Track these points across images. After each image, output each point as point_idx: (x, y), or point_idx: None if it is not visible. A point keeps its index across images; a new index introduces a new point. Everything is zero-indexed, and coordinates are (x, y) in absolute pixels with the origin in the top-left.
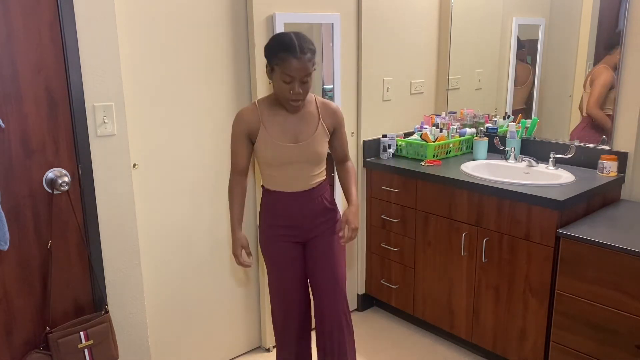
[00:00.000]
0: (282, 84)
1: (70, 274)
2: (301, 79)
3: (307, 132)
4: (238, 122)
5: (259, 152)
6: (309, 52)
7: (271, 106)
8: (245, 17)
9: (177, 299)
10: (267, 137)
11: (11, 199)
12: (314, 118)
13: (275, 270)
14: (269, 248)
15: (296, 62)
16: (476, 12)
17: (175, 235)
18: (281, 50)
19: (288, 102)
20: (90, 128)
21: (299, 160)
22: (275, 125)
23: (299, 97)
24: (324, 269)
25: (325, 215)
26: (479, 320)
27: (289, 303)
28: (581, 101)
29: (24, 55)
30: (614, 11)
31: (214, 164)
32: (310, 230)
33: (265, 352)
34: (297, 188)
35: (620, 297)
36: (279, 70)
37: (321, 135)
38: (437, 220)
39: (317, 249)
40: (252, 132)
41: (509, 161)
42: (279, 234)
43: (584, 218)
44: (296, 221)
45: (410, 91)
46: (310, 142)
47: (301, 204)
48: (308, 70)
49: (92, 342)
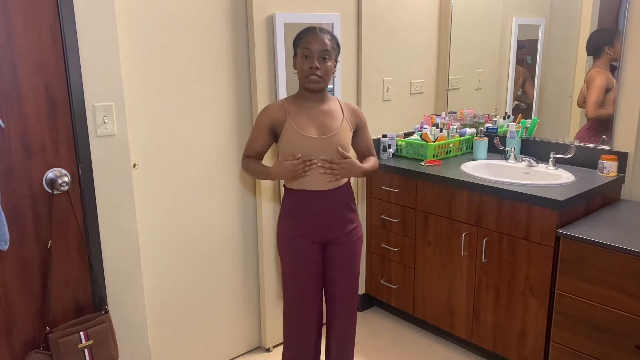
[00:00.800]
0: (302, 63)
1: (70, 274)
2: (319, 54)
3: (332, 125)
4: (264, 114)
5: (284, 144)
6: (328, 34)
7: (297, 101)
8: (245, 17)
9: (177, 299)
10: (293, 128)
11: (11, 199)
12: (339, 114)
13: (292, 270)
14: (289, 247)
15: (314, 36)
16: (476, 12)
17: (175, 235)
18: (303, 32)
19: (307, 80)
20: (90, 128)
21: (325, 154)
22: (302, 118)
23: (317, 73)
24: (343, 273)
25: (347, 217)
26: (479, 320)
27: (303, 304)
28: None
29: (24, 55)
30: (614, 11)
31: (214, 163)
32: (332, 232)
33: (265, 352)
34: (321, 186)
35: (620, 297)
36: (300, 51)
37: (346, 129)
38: (437, 220)
39: (338, 253)
40: (277, 125)
41: (509, 161)
42: (300, 234)
43: (584, 218)
44: (319, 221)
45: (410, 91)
46: (336, 135)
47: (325, 204)
48: (326, 46)
49: (92, 342)
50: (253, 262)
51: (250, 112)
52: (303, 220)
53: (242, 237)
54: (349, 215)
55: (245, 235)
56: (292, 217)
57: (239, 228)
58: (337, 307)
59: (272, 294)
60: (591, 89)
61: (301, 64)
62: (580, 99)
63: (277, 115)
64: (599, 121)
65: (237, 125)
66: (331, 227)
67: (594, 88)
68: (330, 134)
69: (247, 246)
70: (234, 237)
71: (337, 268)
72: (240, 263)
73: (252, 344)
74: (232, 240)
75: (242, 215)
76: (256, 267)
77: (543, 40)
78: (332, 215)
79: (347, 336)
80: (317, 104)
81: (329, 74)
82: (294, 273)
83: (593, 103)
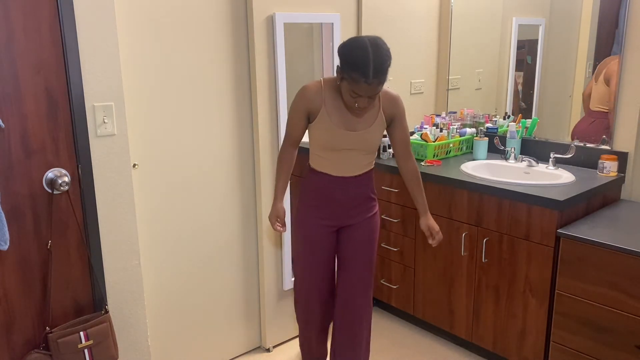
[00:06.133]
0: (348, 95)
1: (70, 274)
2: (369, 98)
3: (365, 122)
4: (302, 97)
5: (314, 132)
6: (383, 74)
7: (334, 90)
8: (245, 17)
9: (177, 299)
10: (326, 120)
11: (11, 199)
12: (375, 107)
13: (305, 252)
14: (304, 227)
15: (367, 86)
16: (476, 12)
17: (175, 235)
18: (354, 69)
19: (352, 110)
20: (90, 128)
21: (352, 148)
22: (336, 110)
23: (362, 113)
24: (358, 257)
25: (366, 204)
26: (479, 320)
27: (313, 286)
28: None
29: (24, 55)
30: (614, 11)
31: (214, 163)
32: (348, 217)
33: (265, 352)
34: (344, 173)
35: (620, 297)
36: (347, 85)
37: (379, 125)
38: (437, 220)
39: (354, 237)
40: (312, 110)
41: (509, 161)
42: (316, 215)
43: (584, 218)
44: (337, 205)
45: (410, 91)
46: (366, 132)
47: (345, 189)
48: (376, 92)
49: (92, 342)
50: (253, 262)
51: (250, 112)
52: (322, 203)
53: (242, 237)
54: (368, 203)
55: (246, 235)
56: (311, 198)
57: (239, 228)
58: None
59: (272, 294)
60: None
61: (349, 97)
62: (587, 92)
63: (315, 101)
64: (605, 117)
65: (237, 125)
66: (349, 214)
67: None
68: (361, 130)
69: (247, 246)
70: (234, 237)
71: (353, 245)
72: (240, 263)
73: (252, 344)
74: (232, 240)
75: (242, 215)
76: (256, 267)
77: (543, 40)
78: (351, 202)
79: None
80: None
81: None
82: (306, 253)
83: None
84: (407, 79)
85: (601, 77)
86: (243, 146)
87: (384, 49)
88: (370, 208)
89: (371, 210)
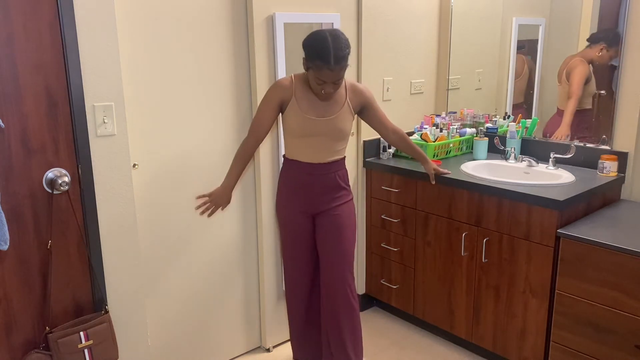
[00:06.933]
0: (315, 83)
1: (70, 274)
2: (333, 82)
3: (333, 109)
4: (275, 88)
5: (286, 121)
6: (343, 60)
7: (304, 84)
8: (245, 17)
9: (177, 299)
10: (296, 109)
11: (11, 199)
12: (341, 98)
13: (286, 238)
14: (283, 214)
15: (329, 72)
16: (476, 12)
17: (175, 235)
18: (317, 58)
19: (319, 95)
20: (90, 128)
21: (323, 134)
22: (305, 100)
23: (329, 97)
24: (331, 242)
25: (337, 191)
26: (479, 320)
27: (297, 269)
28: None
29: (24, 55)
30: (614, 11)
31: (214, 163)
32: (320, 204)
33: (265, 352)
34: (314, 159)
35: (620, 297)
36: (313, 73)
37: (346, 113)
38: (437, 220)
39: (326, 223)
40: (285, 100)
41: (509, 161)
42: (291, 201)
43: (584, 218)
44: (308, 190)
45: (410, 91)
46: (334, 118)
47: (315, 176)
48: (340, 76)
49: (92, 342)
50: (253, 262)
51: (250, 112)
52: (294, 189)
53: (243, 237)
54: (339, 191)
55: (246, 236)
56: (285, 185)
57: (239, 228)
58: (328, 271)
59: (272, 294)
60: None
61: (314, 83)
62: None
63: (286, 92)
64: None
65: (237, 125)
66: (320, 200)
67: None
68: (329, 117)
69: (248, 246)
70: (234, 237)
71: (325, 232)
72: (240, 263)
73: (252, 344)
74: (233, 241)
75: (242, 215)
76: (256, 268)
77: (543, 40)
78: (321, 187)
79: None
80: None
81: (339, 87)
82: (286, 240)
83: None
84: (407, 79)
85: (563, 76)
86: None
87: (342, 38)
88: (342, 196)
89: (343, 199)
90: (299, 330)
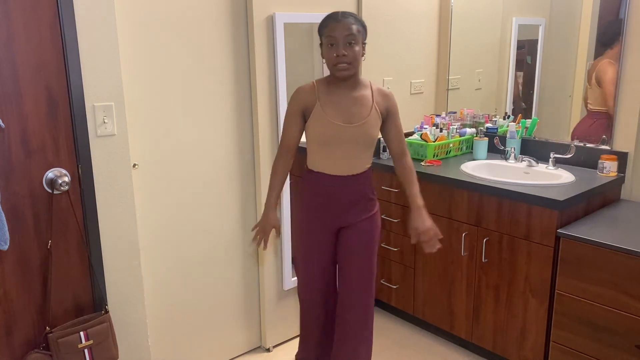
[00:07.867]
0: (328, 51)
1: (70, 274)
2: (345, 40)
3: (361, 114)
4: (295, 98)
5: (310, 129)
6: (352, 17)
7: (328, 85)
8: (245, 17)
9: (177, 298)
10: (321, 115)
11: (11, 199)
12: (368, 101)
13: (305, 253)
14: (303, 229)
15: (337, 23)
16: (476, 12)
17: (175, 235)
18: (326, 18)
19: (336, 68)
20: (90, 128)
21: (349, 142)
22: (331, 104)
23: (344, 60)
24: (357, 258)
25: (364, 204)
26: (479, 320)
27: (314, 287)
28: (585, 98)
29: (24, 55)
30: (614, 11)
31: (214, 163)
32: (347, 218)
33: (265, 352)
34: (341, 172)
35: (620, 297)
36: (325, 40)
37: (374, 118)
38: (437, 220)
39: (352, 238)
40: (307, 108)
41: (509, 161)
42: (315, 216)
43: (584, 218)
44: (335, 205)
45: (410, 91)
46: (363, 125)
47: (342, 189)
48: (351, 30)
49: (92, 342)
50: (253, 262)
51: (250, 112)
52: (320, 203)
53: (243, 236)
54: (367, 203)
55: (246, 235)
56: (309, 201)
57: (239, 228)
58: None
59: (272, 294)
60: (605, 81)
61: (328, 53)
62: (585, 94)
63: (308, 99)
64: (605, 117)
65: (237, 125)
66: (347, 214)
67: (608, 80)
68: (357, 123)
69: (247, 246)
70: (234, 237)
71: (351, 247)
72: (241, 263)
73: (252, 344)
74: (232, 240)
75: (242, 215)
76: (256, 267)
77: (543, 40)
78: (348, 201)
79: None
80: (347, 90)
81: (357, 59)
82: (306, 254)
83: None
84: (407, 79)
85: (593, 80)
86: (243, 146)
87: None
88: (370, 208)
89: (370, 210)
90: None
